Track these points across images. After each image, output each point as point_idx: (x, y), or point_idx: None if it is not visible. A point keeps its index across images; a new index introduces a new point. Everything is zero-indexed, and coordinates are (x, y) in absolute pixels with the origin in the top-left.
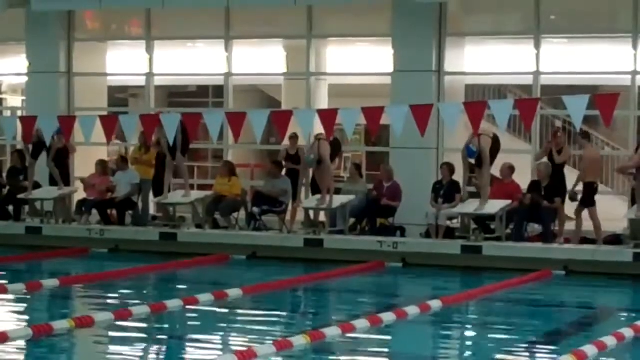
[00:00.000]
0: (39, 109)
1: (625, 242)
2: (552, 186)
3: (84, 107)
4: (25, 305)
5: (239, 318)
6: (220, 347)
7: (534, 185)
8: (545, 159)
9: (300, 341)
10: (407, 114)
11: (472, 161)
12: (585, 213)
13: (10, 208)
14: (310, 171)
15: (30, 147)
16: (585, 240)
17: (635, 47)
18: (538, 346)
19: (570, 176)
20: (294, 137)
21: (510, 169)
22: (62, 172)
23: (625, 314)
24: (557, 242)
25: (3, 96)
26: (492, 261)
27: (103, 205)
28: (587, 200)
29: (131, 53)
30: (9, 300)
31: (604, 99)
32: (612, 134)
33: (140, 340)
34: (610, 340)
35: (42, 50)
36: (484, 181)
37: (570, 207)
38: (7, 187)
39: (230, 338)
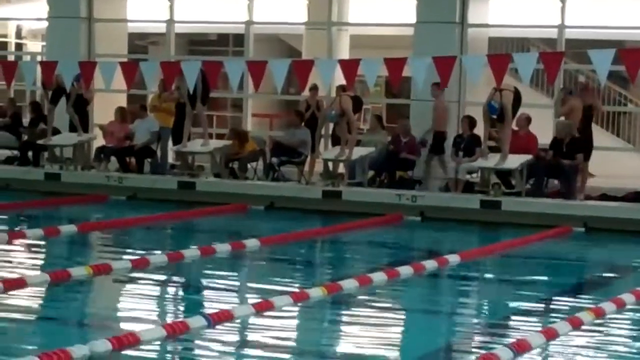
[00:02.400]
0: (59, 55)
1: None
2: (574, 142)
3: (104, 53)
4: (43, 251)
5: (256, 269)
6: (237, 297)
7: (555, 143)
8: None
9: (317, 293)
10: (429, 65)
11: (494, 117)
12: None
13: (30, 154)
14: (331, 124)
15: (50, 92)
16: (605, 197)
17: None
18: (556, 302)
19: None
20: (315, 89)
21: (526, 120)
22: (81, 118)
23: None
24: (577, 198)
25: (23, 41)
26: (511, 216)
27: (122, 152)
28: (436, 148)
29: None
30: (27, 246)
31: (629, 54)
32: (635, 90)
33: (157, 289)
34: (628, 298)
35: None
36: (505, 136)
37: (593, 164)
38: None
39: (247, 289)
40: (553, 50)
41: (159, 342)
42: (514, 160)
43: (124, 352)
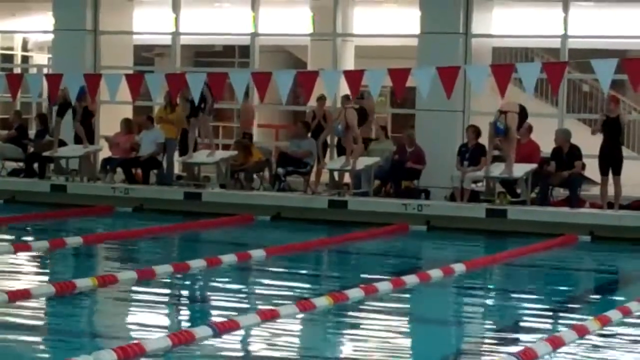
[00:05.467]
0: (65, 67)
1: None
2: (573, 151)
3: (109, 65)
4: (48, 262)
5: (262, 279)
6: (243, 307)
7: (555, 152)
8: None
9: (323, 302)
10: (433, 76)
11: (501, 137)
12: None
13: (36, 166)
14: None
15: (56, 107)
16: (611, 205)
17: None
18: (562, 311)
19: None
20: (322, 99)
21: (528, 129)
22: (86, 130)
23: None
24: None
25: (29, 54)
26: (517, 225)
27: (128, 163)
28: None
29: (158, 12)
30: (32, 258)
31: (632, 63)
32: (639, 98)
33: (163, 299)
34: (635, 306)
35: (69, 8)
36: (509, 153)
37: (596, 172)
38: (32, 148)
39: (253, 298)
40: (556, 59)
41: (164, 352)
42: (519, 169)
43: None
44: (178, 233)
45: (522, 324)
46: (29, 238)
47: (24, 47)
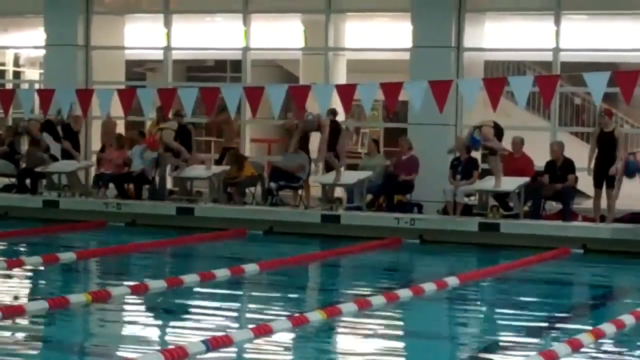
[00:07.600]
0: (57, 82)
1: None
2: (567, 164)
3: (101, 80)
4: (41, 278)
5: (255, 293)
6: (236, 322)
7: (549, 165)
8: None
9: (316, 317)
10: (425, 89)
11: (479, 150)
12: None
13: (28, 181)
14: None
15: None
16: (602, 219)
17: None
18: (555, 324)
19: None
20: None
21: (521, 142)
22: (73, 146)
23: None
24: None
25: (21, 69)
26: (510, 239)
27: (120, 179)
28: None
29: (149, 27)
30: (25, 274)
31: (624, 76)
32: (631, 111)
33: (156, 314)
34: (628, 319)
35: (61, 23)
36: (497, 168)
37: (589, 186)
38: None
39: (246, 313)
40: (548, 73)
41: None
42: (511, 183)
43: None
44: (171, 248)
45: (515, 337)
46: (22, 254)
47: (16, 63)
